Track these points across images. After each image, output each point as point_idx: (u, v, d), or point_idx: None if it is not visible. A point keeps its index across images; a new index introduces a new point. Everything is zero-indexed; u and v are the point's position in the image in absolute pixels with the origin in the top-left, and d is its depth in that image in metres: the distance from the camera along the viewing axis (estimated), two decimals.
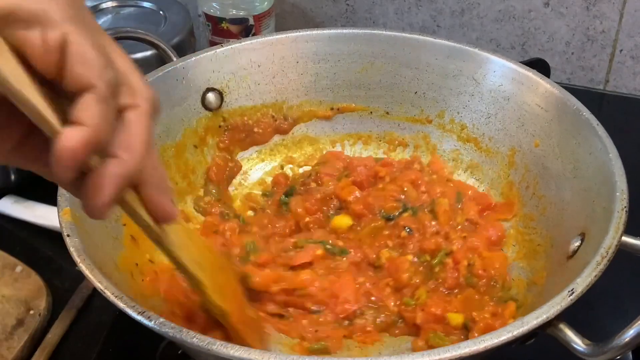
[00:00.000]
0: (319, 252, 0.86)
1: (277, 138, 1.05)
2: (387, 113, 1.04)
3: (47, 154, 0.48)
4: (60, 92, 0.48)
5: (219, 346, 0.60)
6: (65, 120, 0.47)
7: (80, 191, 0.50)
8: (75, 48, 0.46)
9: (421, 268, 0.85)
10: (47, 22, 0.45)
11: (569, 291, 0.65)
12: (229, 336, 0.72)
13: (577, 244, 0.77)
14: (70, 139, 0.46)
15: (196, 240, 0.70)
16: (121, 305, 0.64)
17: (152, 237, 0.61)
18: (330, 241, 0.88)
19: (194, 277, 0.67)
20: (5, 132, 0.51)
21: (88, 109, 0.47)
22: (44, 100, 0.47)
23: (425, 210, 0.90)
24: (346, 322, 0.82)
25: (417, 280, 0.84)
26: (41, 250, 0.99)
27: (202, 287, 0.68)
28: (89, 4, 1.22)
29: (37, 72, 0.47)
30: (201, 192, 0.98)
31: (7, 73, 0.45)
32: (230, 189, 1.01)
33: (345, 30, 1.03)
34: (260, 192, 1.01)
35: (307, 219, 0.92)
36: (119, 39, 0.96)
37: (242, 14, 1.21)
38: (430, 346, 0.78)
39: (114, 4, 1.24)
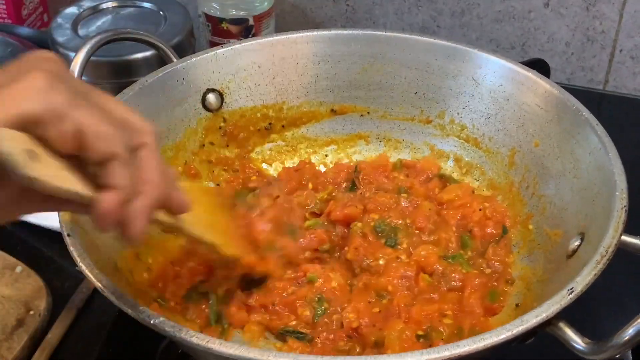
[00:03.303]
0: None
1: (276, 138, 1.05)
2: (387, 114, 1.04)
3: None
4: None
5: (218, 345, 0.60)
6: (91, 180, 0.56)
7: (117, 225, 0.57)
8: (90, 130, 0.53)
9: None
10: (57, 118, 0.52)
11: (568, 290, 0.65)
12: None
13: (577, 243, 0.77)
14: (108, 202, 0.55)
15: (197, 197, 0.74)
16: (121, 304, 0.64)
17: (171, 231, 0.71)
18: None
19: (210, 244, 0.75)
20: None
21: (117, 174, 0.55)
22: (77, 177, 0.55)
23: None
24: None
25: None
26: (41, 250, 0.99)
27: (217, 248, 0.76)
28: (88, 4, 1.23)
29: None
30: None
31: (48, 178, 0.53)
32: None
33: (345, 31, 1.03)
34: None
35: None
36: (119, 40, 0.96)
37: (242, 14, 1.21)
38: None
39: (114, 4, 1.24)
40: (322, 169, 1.04)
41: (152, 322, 0.63)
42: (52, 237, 0.97)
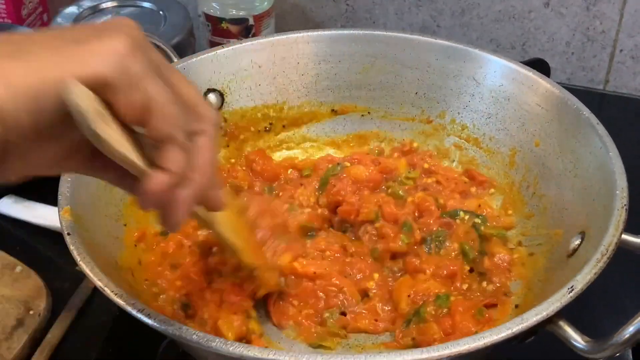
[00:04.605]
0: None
1: (280, 137, 1.05)
2: (388, 114, 1.04)
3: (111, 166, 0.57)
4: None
5: (218, 343, 0.60)
6: (146, 156, 0.55)
7: (158, 210, 0.57)
8: (156, 107, 0.52)
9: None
10: (129, 86, 0.51)
11: (568, 288, 0.65)
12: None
13: (578, 242, 0.77)
14: (157, 182, 0.54)
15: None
16: (121, 303, 0.64)
17: (204, 224, 0.72)
18: None
19: (235, 247, 0.76)
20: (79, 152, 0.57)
21: (172, 157, 0.54)
22: (134, 148, 0.54)
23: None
24: None
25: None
26: (41, 250, 0.99)
27: (240, 254, 0.77)
28: (88, 4, 1.23)
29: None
30: None
31: (112, 140, 0.52)
32: None
33: (345, 31, 1.03)
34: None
35: None
36: None
37: (242, 14, 1.21)
38: None
39: (114, 4, 1.24)
40: None
41: (152, 321, 0.63)
42: (52, 237, 0.97)
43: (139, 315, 0.63)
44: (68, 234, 0.71)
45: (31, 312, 0.87)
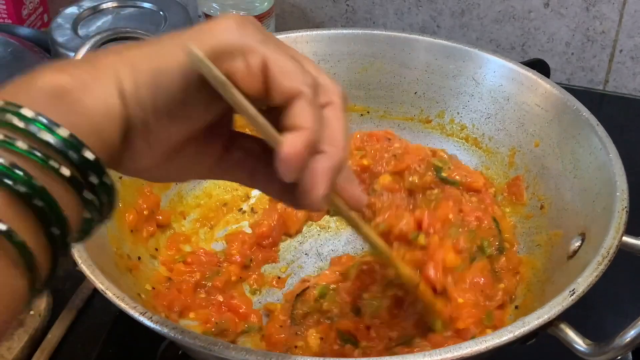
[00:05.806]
0: None
1: None
2: (387, 113, 1.04)
3: (243, 163, 0.60)
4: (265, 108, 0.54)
5: (220, 347, 0.60)
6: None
7: (295, 191, 0.54)
8: (276, 65, 0.52)
9: None
10: (247, 51, 0.52)
11: (570, 291, 0.65)
12: None
13: (578, 244, 0.77)
14: (293, 144, 0.51)
15: None
16: (122, 305, 0.64)
17: (351, 223, 0.66)
18: None
19: (388, 254, 0.73)
20: (210, 147, 0.59)
21: (302, 113, 0.51)
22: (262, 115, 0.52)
23: None
24: None
25: None
26: None
27: (395, 261, 0.74)
28: (89, 4, 1.22)
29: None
30: None
31: (242, 100, 0.51)
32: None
33: (344, 31, 1.03)
34: None
35: None
36: (118, 39, 0.96)
37: (242, 14, 1.20)
38: None
39: (114, 4, 1.24)
40: None
41: (153, 323, 0.63)
42: None
43: (141, 319, 0.63)
44: None
45: (31, 313, 0.87)
